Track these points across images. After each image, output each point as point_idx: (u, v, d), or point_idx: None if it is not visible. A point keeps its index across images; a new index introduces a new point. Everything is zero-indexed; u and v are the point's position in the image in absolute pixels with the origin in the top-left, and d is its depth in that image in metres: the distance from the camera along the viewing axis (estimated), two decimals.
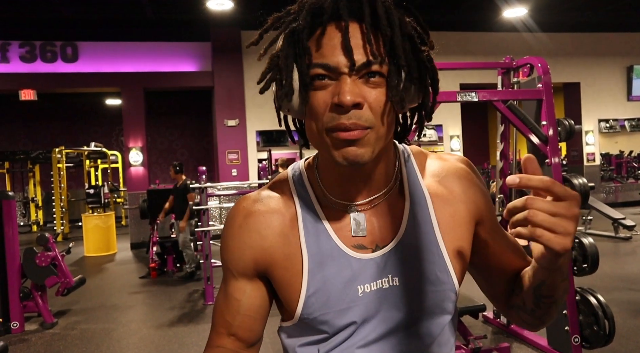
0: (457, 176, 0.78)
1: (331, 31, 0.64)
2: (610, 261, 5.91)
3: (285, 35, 0.67)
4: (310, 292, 0.71)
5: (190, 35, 9.53)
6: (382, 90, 0.64)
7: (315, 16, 0.64)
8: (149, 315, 4.75)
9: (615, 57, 11.18)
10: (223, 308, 0.77)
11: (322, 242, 0.72)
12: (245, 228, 0.75)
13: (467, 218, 0.76)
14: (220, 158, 9.43)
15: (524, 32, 10.13)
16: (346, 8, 0.63)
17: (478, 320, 3.98)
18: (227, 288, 0.77)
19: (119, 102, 10.70)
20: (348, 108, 0.62)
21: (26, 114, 12.72)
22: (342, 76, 0.63)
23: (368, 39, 0.63)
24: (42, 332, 4.31)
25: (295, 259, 0.72)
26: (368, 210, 0.74)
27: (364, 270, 0.72)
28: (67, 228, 10.57)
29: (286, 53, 0.66)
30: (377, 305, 0.71)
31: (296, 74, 0.66)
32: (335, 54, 0.63)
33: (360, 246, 0.72)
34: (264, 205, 0.76)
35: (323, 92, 0.64)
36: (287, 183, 0.78)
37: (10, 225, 4.38)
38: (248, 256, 0.74)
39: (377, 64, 0.63)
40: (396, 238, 0.73)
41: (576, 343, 3.09)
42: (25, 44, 9.00)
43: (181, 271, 6.42)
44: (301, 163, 0.80)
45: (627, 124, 11.82)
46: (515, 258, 0.81)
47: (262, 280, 0.76)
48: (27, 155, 11.63)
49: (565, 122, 3.44)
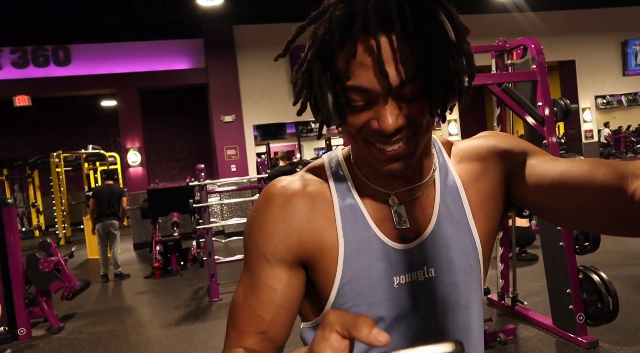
0: (478, 151, 0.77)
1: (363, 49, 0.60)
2: (612, 237, 5.91)
3: (314, 50, 0.63)
4: (345, 281, 0.69)
5: (182, 32, 9.48)
6: (422, 102, 0.63)
7: (345, 30, 0.60)
8: (155, 314, 4.77)
9: (609, 33, 11.10)
10: (252, 301, 0.69)
11: (360, 230, 0.70)
12: (289, 208, 0.70)
13: (494, 188, 0.75)
14: (218, 154, 9.41)
15: (516, 13, 10.05)
16: (375, 20, 0.59)
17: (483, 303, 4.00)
18: (257, 278, 0.70)
19: (114, 104, 10.66)
20: (391, 134, 0.62)
21: (22, 120, 12.68)
22: (379, 97, 0.61)
23: (401, 57, 0.59)
24: (49, 337, 4.33)
25: (332, 246, 0.70)
26: (408, 201, 0.73)
27: (401, 261, 0.71)
28: (69, 232, 10.59)
29: (319, 73, 0.63)
30: (412, 299, 0.70)
31: (331, 96, 0.63)
32: (369, 75, 0.60)
33: (404, 238, 0.72)
34: (304, 187, 0.73)
35: (361, 114, 0.63)
36: (322, 169, 0.76)
37: (11, 232, 4.38)
38: (293, 238, 0.69)
39: (413, 82, 0.60)
40: (429, 228, 0.72)
41: (581, 321, 3.11)
42: (16, 49, 8.95)
43: (185, 269, 6.45)
44: (338, 151, 0.78)
45: (624, 99, 11.79)
46: (597, 168, 0.60)
47: (300, 268, 0.71)
48: (25, 161, 11.62)
49: (561, 102, 3.42)
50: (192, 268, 6.70)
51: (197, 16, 8.83)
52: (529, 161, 0.72)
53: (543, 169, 0.68)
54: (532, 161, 0.72)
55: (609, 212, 0.59)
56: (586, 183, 0.60)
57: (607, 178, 0.57)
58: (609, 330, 3.22)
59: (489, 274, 4.69)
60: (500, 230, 3.94)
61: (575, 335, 3.14)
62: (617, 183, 0.55)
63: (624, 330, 3.26)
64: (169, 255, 6.54)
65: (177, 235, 6.66)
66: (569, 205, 0.64)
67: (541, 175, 0.68)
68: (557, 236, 3.16)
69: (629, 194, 0.53)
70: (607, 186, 0.56)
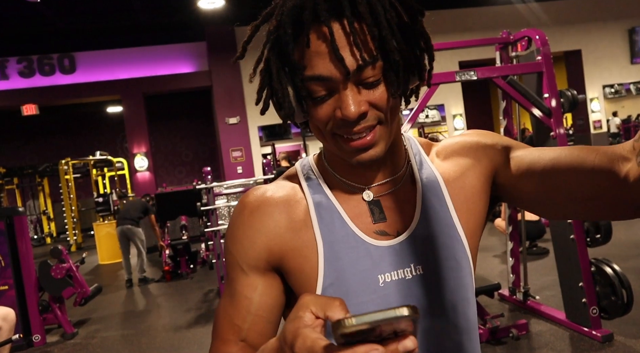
0: (462, 148, 0.75)
1: (316, 37, 0.60)
2: (624, 229, 5.84)
3: (269, 46, 0.64)
4: (327, 283, 0.67)
5: (185, 36, 9.52)
6: (382, 86, 0.62)
7: (296, 21, 0.60)
8: (166, 318, 4.79)
9: (616, 20, 10.97)
10: (230, 311, 0.70)
11: (337, 229, 0.69)
12: (256, 215, 0.70)
13: (478, 184, 0.73)
14: (224, 157, 9.44)
15: (519, 4, 9.97)
16: (325, 7, 0.58)
17: (494, 299, 3.97)
18: (234, 288, 0.70)
19: (120, 109, 10.72)
20: (354, 121, 0.61)
21: (30, 128, 12.81)
22: (339, 84, 0.61)
23: (354, 40, 0.58)
24: (63, 343, 4.37)
25: (311, 248, 0.68)
26: (384, 196, 0.72)
27: (384, 258, 0.69)
28: (80, 238, 10.67)
29: (277, 68, 0.63)
30: (400, 297, 0.69)
31: (291, 90, 0.63)
32: (325, 63, 0.60)
33: (382, 233, 0.70)
34: (276, 194, 0.73)
35: (324, 105, 0.63)
36: (295, 175, 0.76)
37: (23, 241, 4.42)
38: (260, 244, 0.69)
39: (370, 65, 0.60)
40: (412, 225, 0.71)
41: (594, 315, 3.07)
42: (22, 59, 9.03)
43: (194, 272, 6.47)
44: (310, 156, 0.79)
45: (633, 88, 11.63)
46: (586, 153, 0.61)
47: (275, 274, 0.70)
48: (34, 169, 11.72)
49: (568, 93, 3.38)
50: (201, 270, 6.72)
51: (200, 19, 8.86)
52: (515, 154, 0.71)
53: (532, 158, 0.67)
54: (518, 153, 0.70)
55: (603, 196, 0.59)
56: (579, 167, 0.60)
57: (599, 162, 0.57)
58: (623, 323, 3.18)
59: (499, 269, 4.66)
60: (509, 224, 3.92)
61: (589, 329, 3.10)
62: (609, 166, 0.56)
63: (639, 323, 3.22)
64: (178, 259, 6.57)
65: (186, 238, 6.69)
66: (562, 191, 0.63)
67: (532, 164, 0.67)
68: (567, 229, 3.13)
69: (621, 178, 0.54)
70: (600, 169, 0.57)
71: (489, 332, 3.19)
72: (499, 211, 5.70)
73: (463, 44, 3.99)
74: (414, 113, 3.08)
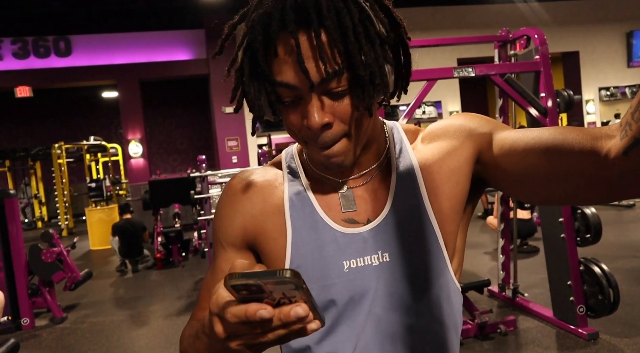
0: (445, 132, 0.75)
1: (283, 46, 0.60)
2: (614, 229, 5.91)
3: (243, 48, 0.65)
4: (294, 266, 0.71)
5: (183, 23, 9.43)
6: (348, 99, 0.63)
7: (266, 29, 0.61)
8: (157, 305, 4.80)
9: (613, 23, 11.01)
10: (209, 282, 0.77)
11: (307, 217, 0.73)
12: (238, 197, 0.77)
13: (456, 167, 0.72)
14: (220, 146, 9.41)
15: (520, 3, 9.96)
16: (292, 18, 0.58)
17: (484, 295, 4.01)
18: (215, 261, 0.78)
19: (115, 95, 10.64)
20: (318, 130, 0.63)
21: (23, 111, 12.68)
22: (304, 94, 0.62)
23: (320, 54, 0.58)
24: (52, 327, 4.36)
25: (280, 232, 0.73)
26: (358, 187, 0.74)
27: (350, 245, 0.71)
28: (72, 223, 10.62)
29: (249, 70, 0.64)
30: (366, 283, 0.70)
31: (262, 93, 0.65)
32: (292, 72, 0.61)
33: (350, 221, 0.72)
34: (258, 178, 0.78)
35: (294, 110, 0.65)
36: (280, 162, 0.81)
37: (13, 223, 4.39)
38: (237, 223, 0.75)
39: (334, 78, 0.60)
40: (383, 213, 0.72)
41: (581, 313, 3.11)
42: (17, 40, 8.92)
43: (186, 260, 6.47)
44: (295, 145, 0.82)
45: (628, 91, 11.67)
46: (569, 131, 0.60)
47: (250, 252, 0.76)
48: (27, 152, 11.62)
49: (564, 93, 3.40)
50: (193, 259, 6.72)
51: (198, 6, 8.78)
52: (498, 135, 0.70)
53: (516, 137, 0.67)
54: (503, 134, 0.70)
55: (581, 175, 0.58)
56: (559, 144, 0.59)
57: (580, 139, 0.57)
58: (609, 322, 3.23)
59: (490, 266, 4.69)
60: (501, 221, 3.95)
61: (575, 327, 3.14)
62: (591, 144, 0.56)
63: (624, 322, 3.26)
64: (170, 246, 6.56)
65: (178, 226, 6.67)
66: (542, 169, 0.62)
67: (514, 143, 0.66)
68: (558, 228, 3.16)
69: (602, 155, 0.54)
70: (580, 147, 0.57)
71: (477, 327, 3.22)
72: (491, 209, 5.73)
73: (463, 41, 3.99)
74: (410, 109, 3.08)
